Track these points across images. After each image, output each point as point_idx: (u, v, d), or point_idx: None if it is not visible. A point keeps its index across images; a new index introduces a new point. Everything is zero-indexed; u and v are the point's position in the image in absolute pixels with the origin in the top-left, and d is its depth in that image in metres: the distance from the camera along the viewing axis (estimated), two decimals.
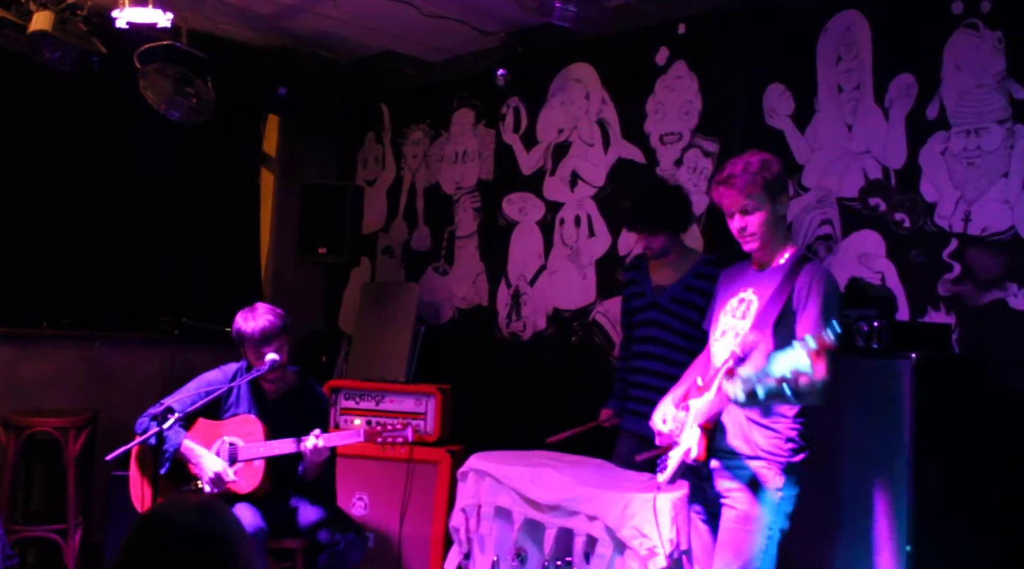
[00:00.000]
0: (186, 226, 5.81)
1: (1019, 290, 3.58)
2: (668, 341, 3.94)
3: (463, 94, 5.79)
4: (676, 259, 4.02)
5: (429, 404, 4.83)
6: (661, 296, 4.00)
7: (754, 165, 2.94)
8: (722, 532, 2.94)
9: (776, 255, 3.01)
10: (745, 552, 2.86)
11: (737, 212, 2.95)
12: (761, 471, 2.88)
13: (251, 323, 3.95)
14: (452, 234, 5.79)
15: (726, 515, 2.93)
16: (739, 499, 2.90)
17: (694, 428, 2.94)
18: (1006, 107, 3.65)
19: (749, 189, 2.92)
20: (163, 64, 4.66)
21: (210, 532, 1.67)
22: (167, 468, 3.78)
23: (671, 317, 3.95)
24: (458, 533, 3.90)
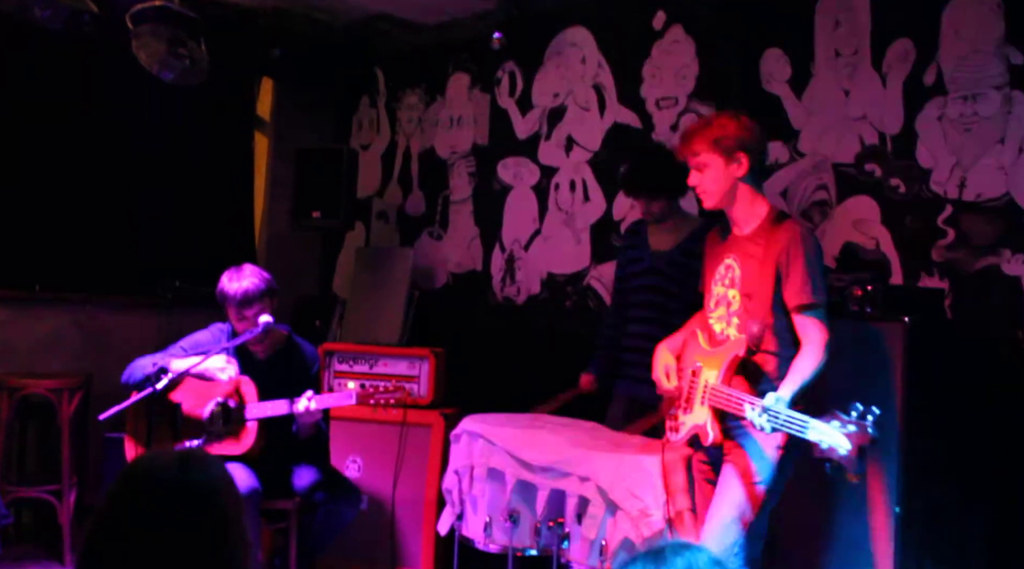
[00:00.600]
0: (180, 189, 5.77)
1: (1012, 256, 3.58)
2: (665, 306, 3.95)
3: (459, 58, 5.74)
4: (674, 224, 4.03)
5: (423, 368, 4.83)
6: (660, 261, 4.01)
7: (709, 124, 3.01)
8: (721, 486, 2.97)
9: (750, 217, 3.03)
10: (741, 506, 2.89)
11: (693, 169, 3.03)
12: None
13: (234, 284, 3.94)
14: (447, 199, 5.77)
15: (726, 471, 2.96)
16: (741, 456, 2.92)
17: (705, 407, 2.96)
18: (1004, 73, 3.64)
19: (695, 146, 2.99)
20: (156, 25, 4.60)
21: (191, 484, 1.64)
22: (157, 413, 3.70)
23: (669, 281, 3.96)
24: (451, 495, 3.91)
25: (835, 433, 2.45)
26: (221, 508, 1.66)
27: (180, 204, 5.77)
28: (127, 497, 1.65)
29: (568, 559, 3.46)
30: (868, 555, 3.13)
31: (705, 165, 3.01)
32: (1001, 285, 3.59)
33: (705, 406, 2.96)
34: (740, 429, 2.94)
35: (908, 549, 3.08)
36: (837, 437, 2.44)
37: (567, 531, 3.45)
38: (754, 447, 2.92)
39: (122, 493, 1.66)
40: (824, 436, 2.47)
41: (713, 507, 2.99)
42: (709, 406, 2.94)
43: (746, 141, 2.98)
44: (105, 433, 4.69)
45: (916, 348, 3.10)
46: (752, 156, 2.99)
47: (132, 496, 1.64)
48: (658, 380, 3.16)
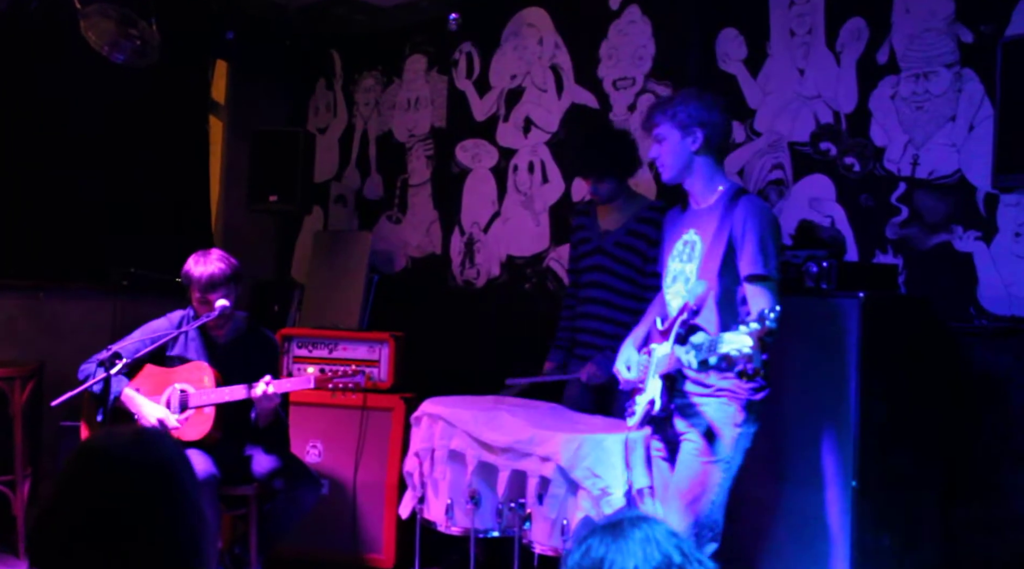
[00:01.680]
0: (133, 174, 5.67)
1: (964, 233, 3.63)
2: (612, 286, 3.97)
3: (416, 40, 5.70)
4: (623, 204, 4.03)
5: (383, 351, 4.81)
6: (606, 241, 4.01)
7: (668, 99, 3.12)
8: (680, 465, 2.99)
9: (708, 192, 3.07)
10: (701, 484, 2.92)
11: (653, 141, 3.10)
12: (722, 407, 2.93)
13: (200, 268, 3.91)
14: (405, 182, 5.73)
15: (685, 449, 2.98)
16: (699, 434, 2.94)
17: (656, 379, 2.98)
18: (954, 51, 3.68)
19: (655, 119, 3.07)
20: (104, 4, 4.50)
21: (147, 461, 1.62)
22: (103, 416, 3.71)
23: (615, 262, 3.97)
24: (412, 477, 3.90)
25: (740, 336, 2.53)
26: (178, 483, 1.65)
27: (133, 189, 5.68)
28: (83, 474, 1.63)
29: (530, 539, 3.47)
30: (824, 528, 3.17)
31: (663, 138, 3.06)
32: (953, 261, 3.64)
33: (656, 377, 2.97)
34: (701, 405, 2.96)
35: (864, 521, 3.12)
36: (741, 339, 2.52)
37: (529, 512, 3.46)
38: (712, 425, 2.94)
39: (78, 470, 1.64)
40: (733, 343, 2.54)
41: (673, 486, 3.01)
42: (659, 376, 2.96)
43: (703, 117, 3.01)
44: (60, 422, 4.62)
45: (871, 323, 3.13)
46: (709, 131, 3.02)
47: (88, 472, 1.62)
48: (618, 373, 3.19)
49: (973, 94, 3.62)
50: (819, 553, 3.17)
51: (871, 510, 3.13)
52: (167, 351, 4.00)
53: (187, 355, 4.01)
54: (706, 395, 2.96)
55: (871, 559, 3.13)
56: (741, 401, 2.93)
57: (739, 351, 2.52)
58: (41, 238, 5.31)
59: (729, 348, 2.55)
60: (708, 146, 3.03)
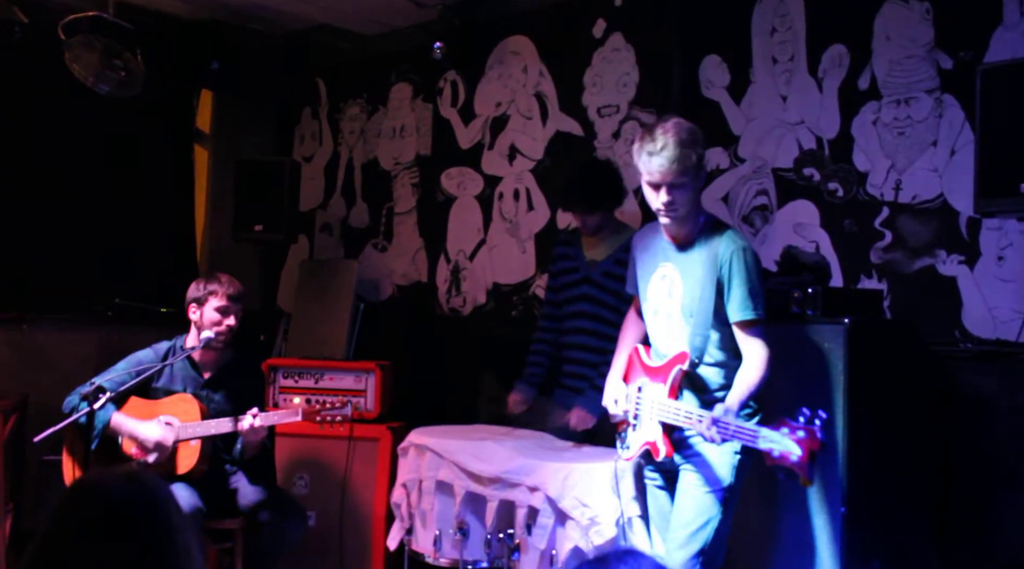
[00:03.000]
0: (118, 204, 5.66)
1: (947, 257, 3.65)
2: (600, 316, 3.96)
3: (400, 68, 5.72)
4: (609, 234, 4.04)
5: (369, 381, 4.79)
6: (594, 271, 4.01)
7: (686, 140, 2.85)
8: (682, 495, 2.98)
9: (692, 223, 3.00)
10: (703, 513, 2.91)
11: (666, 185, 2.86)
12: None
13: (223, 281, 4.00)
14: (391, 210, 5.73)
15: (685, 480, 2.97)
16: (699, 463, 2.94)
17: (655, 423, 2.96)
18: (934, 77, 3.71)
19: (677, 167, 2.83)
20: (89, 36, 4.51)
21: (139, 501, 1.63)
22: (97, 444, 3.69)
23: (604, 292, 3.96)
24: (399, 509, 3.87)
25: (785, 440, 2.49)
26: (169, 522, 1.66)
27: (118, 219, 5.65)
28: (74, 512, 1.64)
29: None
30: (815, 555, 3.15)
31: (683, 184, 2.87)
32: (937, 285, 3.65)
33: (655, 422, 2.96)
34: (693, 438, 2.95)
35: (854, 549, 3.10)
36: (788, 443, 2.48)
37: (517, 542, 3.44)
38: (711, 454, 2.93)
39: (69, 509, 1.65)
40: (775, 444, 2.51)
41: (675, 516, 2.99)
42: (658, 422, 2.95)
43: (702, 153, 2.94)
44: (43, 456, 4.57)
45: (857, 349, 3.14)
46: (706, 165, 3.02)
47: (80, 511, 1.63)
48: (607, 406, 3.16)
49: (954, 120, 3.65)
50: None
51: (860, 536, 3.12)
52: (153, 383, 3.98)
53: (173, 387, 3.99)
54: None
55: None
56: None
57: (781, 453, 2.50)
58: (24, 269, 5.28)
59: (770, 446, 2.52)
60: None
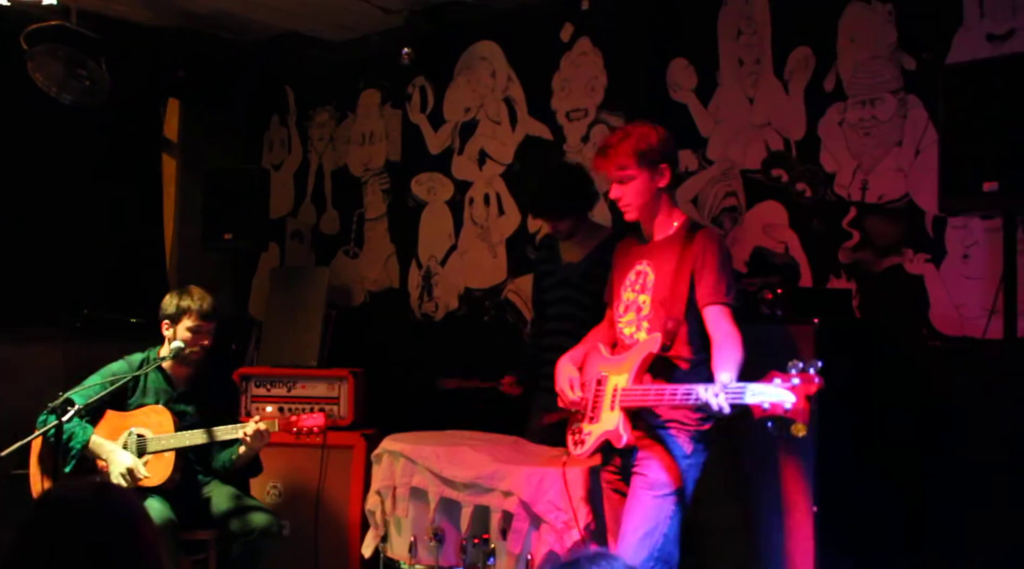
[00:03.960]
0: (85, 215, 5.59)
1: (915, 255, 3.69)
2: (578, 317, 3.97)
3: (369, 74, 5.70)
4: (584, 236, 4.05)
5: (342, 388, 4.77)
6: (572, 273, 4.02)
7: (630, 136, 3.01)
8: (630, 498, 2.98)
9: (666, 226, 3.08)
10: (652, 517, 2.90)
11: (614, 181, 3.03)
12: (669, 439, 2.93)
13: (197, 297, 3.97)
14: (361, 217, 5.71)
15: (635, 482, 2.97)
16: (648, 466, 2.94)
17: (616, 410, 2.96)
18: (899, 78, 3.75)
19: (622, 159, 3.00)
20: (53, 45, 4.46)
21: (108, 513, 1.62)
22: (72, 466, 3.66)
23: (581, 293, 3.97)
24: (374, 516, 3.86)
25: (776, 390, 2.50)
26: (138, 535, 1.66)
27: (85, 230, 5.59)
28: (43, 526, 1.63)
29: None
30: (788, 554, 3.17)
31: (631, 178, 3.01)
32: (905, 284, 3.69)
33: (616, 410, 2.96)
34: (649, 437, 2.95)
35: (827, 547, 3.13)
36: (779, 393, 2.49)
37: (492, 547, 3.44)
38: (661, 458, 2.93)
39: (38, 523, 1.64)
40: (763, 396, 2.51)
41: (625, 521, 2.99)
42: (620, 408, 2.94)
43: (667, 151, 3.02)
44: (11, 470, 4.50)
45: (826, 348, 3.16)
46: (672, 166, 3.04)
47: (49, 525, 1.62)
48: (562, 392, 3.16)
49: (918, 120, 3.69)
50: None
51: (833, 534, 3.14)
52: (127, 396, 3.94)
53: (145, 399, 3.95)
54: (655, 426, 2.96)
55: None
56: (689, 432, 2.94)
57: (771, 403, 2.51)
58: None
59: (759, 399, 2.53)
60: (671, 181, 3.05)
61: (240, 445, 3.87)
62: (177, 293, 4.01)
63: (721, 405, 2.61)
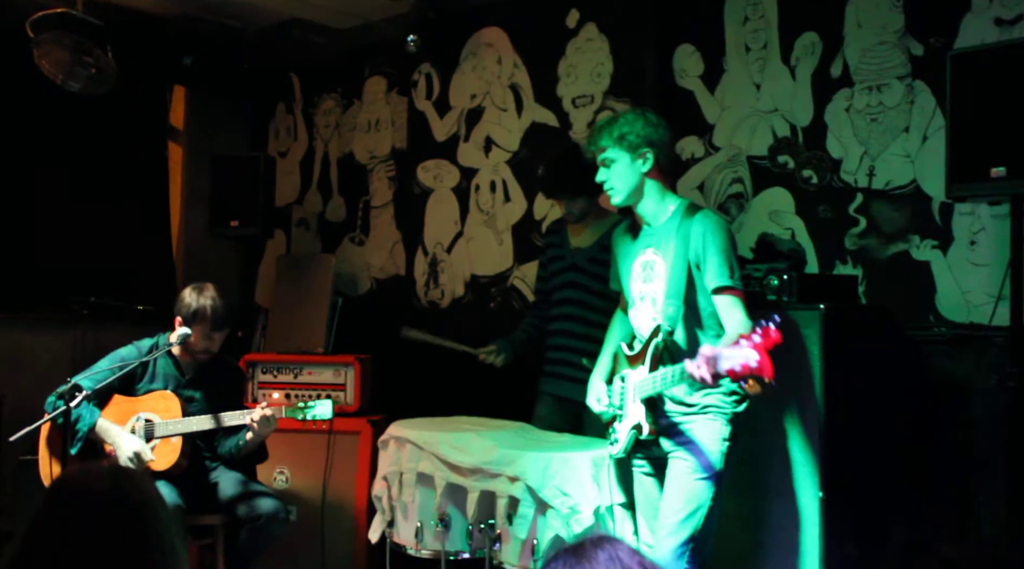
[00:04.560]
0: (92, 202, 5.62)
1: (921, 242, 3.68)
2: (586, 302, 3.98)
3: (375, 62, 5.70)
4: (594, 221, 4.05)
5: (348, 375, 4.78)
6: (579, 257, 4.03)
7: (615, 119, 3.05)
8: (672, 482, 2.99)
9: (661, 212, 3.07)
10: (694, 500, 2.93)
11: (600, 165, 3.06)
12: (709, 423, 2.95)
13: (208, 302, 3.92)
14: (367, 204, 5.72)
15: (675, 467, 2.98)
16: (689, 451, 2.96)
17: (637, 404, 2.98)
18: (906, 63, 3.74)
19: (603, 142, 3.03)
20: (59, 33, 4.46)
21: (124, 497, 1.60)
22: (79, 449, 3.67)
23: (590, 278, 3.98)
24: (381, 501, 3.87)
25: (741, 351, 2.52)
26: (153, 522, 1.64)
27: (92, 217, 5.61)
28: (56, 512, 1.61)
29: (501, 560, 3.45)
30: (794, 540, 3.18)
31: (612, 161, 3.05)
32: (912, 270, 3.68)
33: (637, 403, 2.98)
34: (686, 423, 2.97)
35: (832, 532, 3.13)
36: (744, 353, 2.51)
37: (499, 532, 3.44)
38: (701, 441, 2.95)
39: (51, 508, 1.62)
40: (733, 360, 2.53)
41: (665, 503, 3.01)
42: (641, 401, 2.97)
43: (652, 137, 3.01)
44: (19, 456, 4.53)
45: (833, 334, 3.16)
46: (657, 151, 3.02)
47: (65, 511, 1.61)
48: (592, 406, 3.20)
49: (925, 105, 3.68)
50: (789, 564, 3.18)
51: (838, 520, 3.15)
52: (135, 382, 3.95)
53: (154, 385, 3.97)
54: (691, 414, 2.98)
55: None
56: (725, 415, 2.96)
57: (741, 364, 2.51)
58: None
59: (731, 364, 2.54)
60: (658, 167, 3.04)
61: (247, 431, 3.88)
62: (196, 292, 3.94)
63: (704, 376, 2.62)
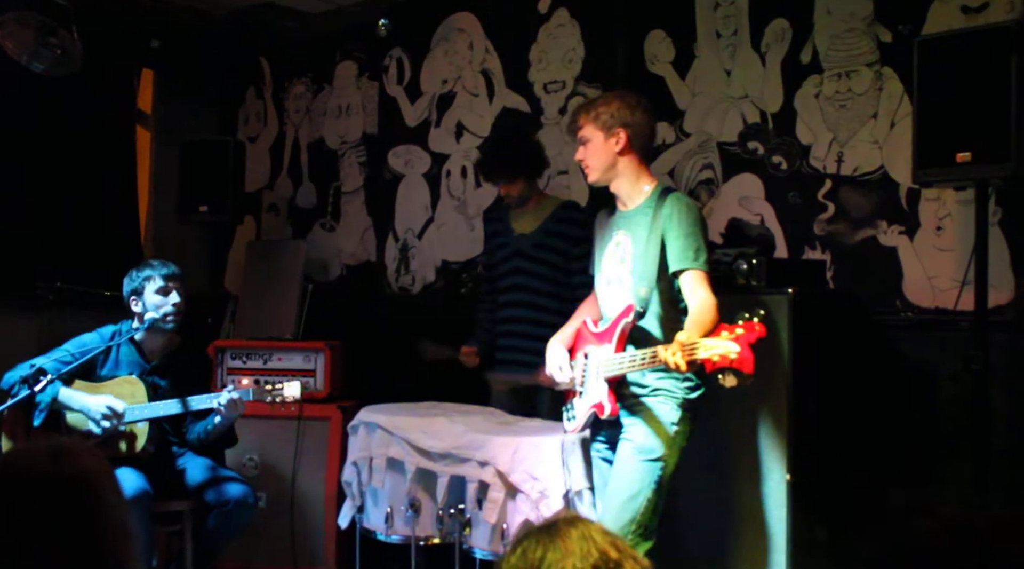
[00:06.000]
0: (59, 187, 5.53)
1: (889, 227, 3.71)
2: (532, 287, 4.01)
3: (345, 47, 5.66)
4: (535, 206, 4.08)
5: (318, 360, 4.75)
6: (523, 243, 4.05)
7: (594, 101, 3.15)
8: (617, 462, 3.01)
9: (636, 193, 3.09)
10: (637, 482, 2.93)
11: (578, 143, 3.12)
12: (658, 406, 2.95)
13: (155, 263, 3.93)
14: (338, 190, 5.68)
15: (622, 448, 3.00)
16: (636, 433, 2.96)
17: (600, 382, 2.98)
18: (874, 50, 3.76)
19: (579, 121, 3.09)
20: (23, 13, 4.38)
21: (64, 476, 1.55)
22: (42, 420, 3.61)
23: (535, 263, 4.01)
24: (351, 487, 3.86)
25: (722, 343, 2.54)
26: (97, 499, 1.59)
27: (59, 202, 5.53)
28: None
29: (471, 545, 3.46)
30: (762, 523, 3.20)
31: (587, 139, 3.08)
32: (879, 256, 3.72)
33: (600, 381, 2.98)
34: (637, 405, 2.98)
35: (800, 515, 3.16)
36: (725, 345, 2.53)
37: (468, 517, 3.45)
38: (649, 424, 2.96)
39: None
40: (713, 350, 2.55)
41: (611, 485, 3.02)
42: (605, 379, 2.97)
43: (626, 118, 3.04)
44: None
45: (801, 318, 3.18)
46: (632, 132, 3.04)
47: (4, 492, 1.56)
48: (552, 375, 3.19)
49: (893, 92, 3.70)
50: (758, 547, 3.21)
51: (806, 503, 3.17)
52: (97, 368, 3.90)
53: (117, 372, 3.92)
54: (643, 395, 2.98)
55: (808, 552, 3.17)
56: (676, 399, 2.96)
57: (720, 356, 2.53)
58: None
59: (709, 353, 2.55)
60: (631, 147, 3.05)
61: (215, 415, 3.85)
62: (135, 268, 3.97)
63: (678, 363, 2.64)
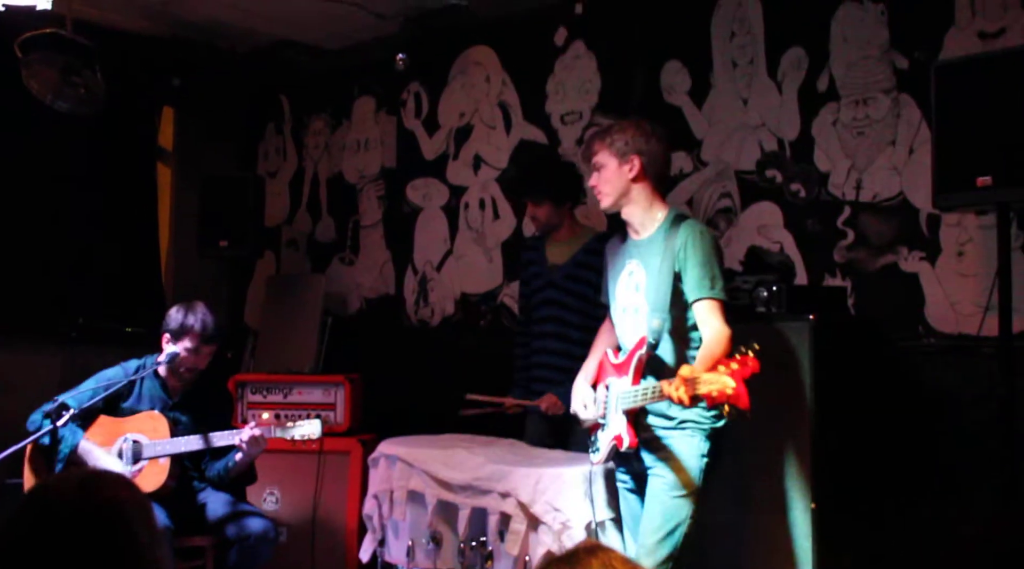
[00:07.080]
0: (80, 223, 5.59)
1: (909, 253, 3.69)
2: (564, 319, 3.99)
3: (364, 81, 5.72)
4: (568, 236, 4.08)
5: (338, 394, 4.76)
6: (556, 274, 4.04)
7: (609, 127, 3.15)
8: (651, 499, 2.98)
9: (649, 220, 3.09)
10: (673, 518, 2.92)
11: (592, 170, 3.13)
12: (686, 439, 2.94)
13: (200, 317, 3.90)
14: (357, 224, 5.71)
15: (654, 485, 2.97)
16: (666, 467, 2.94)
17: (619, 414, 2.97)
18: (891, 77, 3.76)
19: (593, 147, 3.11)
20: (48, 53, 4.45)
21: (96, 506, 1.56)
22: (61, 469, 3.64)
23: (566, 295, 4.00)
24: (371, 520, 3.85)
25: (719, 378, 2.55)
26: (128, 530, 1.58)
27: (81, 238, 5.59)
28: (25, 519, 1.56)
29: None
30: (788, 552, 3.16)
31: (602, 165, 3.09)
32: (900, 282, 3.69)
33: (619, 413, 2.97)
34: (665, 438, 2.96)
35: (825, 544, 3.12)
36: (721, 380, 2.54)
37: (490, 549, 3.42)
38: (680, 456, 2.94)
39: (20, 523, 1.57)
40: (712, 386, 2.56)
41: (645, 521, 2.99)
42: (623, 412, 2.95)
43: (641, 145, 3.04)
44: (5, 480, 4.49)
45: (822, 345, 3.16)
46: (646, 159, 3.04)
47: (30, 525, 1.56)
48: (577, 413, 3.18)
49: (911, 118, 3.70)
50: None
51: (831, 531, 3.13)
52: (121, 402, 3.92)
53: (140, 406, 3.93)
54: (670, 428, 2.96)
55: None
56: (704, 431, 2.94)
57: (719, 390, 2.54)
58: None
59: (709, 388, 2.56)
60: (645, 173, 3.05)
61: (236, 452, 3.85)
62: (184, 308, 3.93)
63: (681, 398, 2.63)
